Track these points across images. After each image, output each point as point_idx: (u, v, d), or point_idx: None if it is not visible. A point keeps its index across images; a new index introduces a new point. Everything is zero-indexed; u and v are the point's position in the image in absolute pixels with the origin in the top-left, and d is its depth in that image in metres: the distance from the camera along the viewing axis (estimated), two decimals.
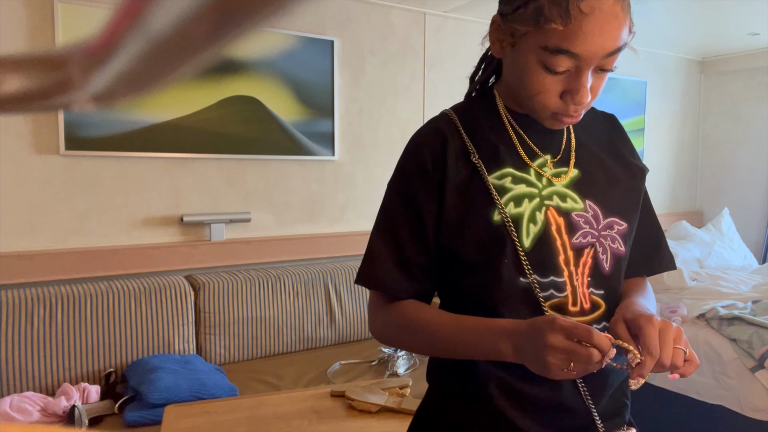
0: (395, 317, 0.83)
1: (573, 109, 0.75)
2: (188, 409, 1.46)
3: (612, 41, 0.71)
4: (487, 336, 0.74)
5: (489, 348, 0.73)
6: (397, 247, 0.82)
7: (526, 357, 0.70)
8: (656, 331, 0.68)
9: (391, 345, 0.87)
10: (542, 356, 0.66)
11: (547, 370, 0.67)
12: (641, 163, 0.90)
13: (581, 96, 0.73)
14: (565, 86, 0.74)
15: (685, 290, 3.00)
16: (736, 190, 4.34)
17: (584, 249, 0.80)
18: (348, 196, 2.94)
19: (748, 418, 2.39)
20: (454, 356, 0.79)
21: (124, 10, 0.18)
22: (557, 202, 0.81)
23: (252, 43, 2.57)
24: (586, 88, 0.73)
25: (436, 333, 0.79)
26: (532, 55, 0.73)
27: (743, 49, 4.09)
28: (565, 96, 0.75)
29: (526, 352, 0.69)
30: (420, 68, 3.10)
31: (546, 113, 0.77)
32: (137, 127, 2.37)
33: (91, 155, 2.30)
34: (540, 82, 0.74)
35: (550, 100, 0.75)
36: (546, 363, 0.66)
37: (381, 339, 0.87)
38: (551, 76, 0.73)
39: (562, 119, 0.77)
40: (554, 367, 0.66)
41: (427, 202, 0.81)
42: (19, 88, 0.21)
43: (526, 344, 0.69)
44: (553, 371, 0.66)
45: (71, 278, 2.28)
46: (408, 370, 2.38)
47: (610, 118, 0.93)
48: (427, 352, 0.82)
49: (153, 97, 2.37)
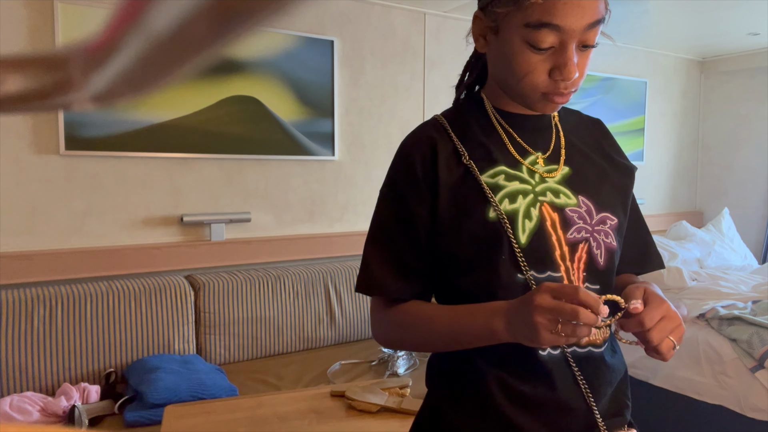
0: (396, 317, 0.84)
1: (563, 86, 0.75)
2: (188, 409, 1.46)
3: (591, 12, 0.72)
4: (481, 316, 0.74)
5: (483, 328, 0.74)
6: (392, 252, 0.83)
7: (518, 328, 0.69)
8: (659, 314, 0.70)
9: (394, 347, 0.87)
10: (530, 318, 0.66)
11: (536, 334, 0.65)
12: (629, 162, 0.92)
13: (569, 70, 0.73)
14: (552, 63, 0.75)
15: (685, 290, 3.00)
16: (736, 190, 4.34)
17: (579, 244, 0.81)
18: (348, 196, 2.94)
19: (748, 418, 2.39)
20: (453, 345, 0.79)
21: (124, 10, 0.18)
22: (551, 198, 0.82)
23: (252, 43, 2.57)
24: (572, 61, 0.74)
25: (435, 324, 0.79)
26: (516, 36, 0.74)
27: (743, 49, 4.09)
28: (553, 73, 0.75)
29: (517, 324, 0.69)
30: (420, 68, 3.10)
31: (536, 95, 0.77)
32: (137, 127, 2.37)
33: (91, 155, 2.30)
34: (527, 62, 0.75)
35: (538, 79, 0.76)
36: (534, 324, 0.65)
37: (385, 342, 0.87)
38: (537, 54, 0.74)
39: (553, 98, 0.77)
40: (542, 328, 0.65)
41: (418, 207, 0.81)
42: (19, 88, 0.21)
43: (516, 316, 0.70)
44: (542, 334, 0.65)
45: (71, 278, 2.28)
46: (408, 370, 2.38)
47: (595, 122, 0.95)
48: (427, 345, 0.83)
49: (153, 97, 2.37)
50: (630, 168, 0.91)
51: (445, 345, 0.80)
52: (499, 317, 0.72)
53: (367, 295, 0.86)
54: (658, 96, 4.23)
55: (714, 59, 4.37)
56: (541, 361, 0.78)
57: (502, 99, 0.86)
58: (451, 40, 3.18)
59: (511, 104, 0.86)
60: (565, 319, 0.64)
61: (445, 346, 0.80)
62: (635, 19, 3.30)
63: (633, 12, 3.16)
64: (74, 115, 2.23)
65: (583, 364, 0.80)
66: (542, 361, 0.78)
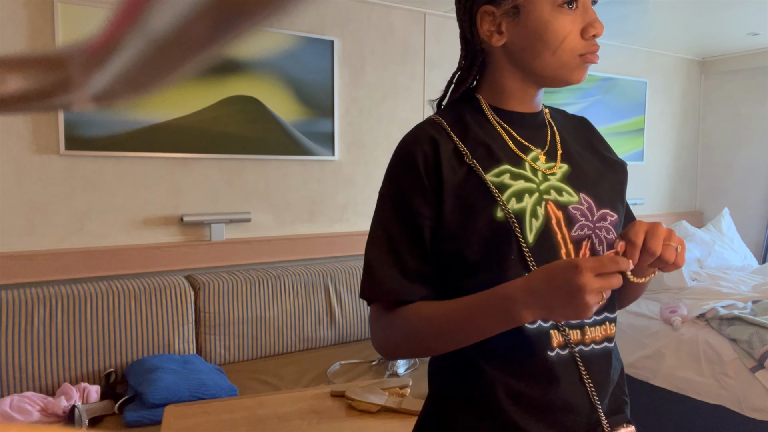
0: (400, 323, 0.80)
1: (594, 44, 0.80)
2: (188, 409, 1.46)
3: None
4: (497, 301, 0.71)
5: (503, 314, 0.71)
6: (395, 255, 0.80)
7: (555, 309, 0.68)
8: (643, 227, 0.72)
9: (396, 356, 0.83)
10: (579, 300, 0.65)
11: (586, 311, 0.66)
12: (618, 157, 0.93)
13: (599, 23, 0.79)
14: (581, 23, 0.79)
15: (685, 290, 3.00)
16: (736, 190, 4.34)
17: (582, 241, 0.81)
18: (348, 196, 2.94)
19: (748, 418, 2.39)
20: (469, 339, 0.75)
21: (124, 10, 0.18)
22: (555, 196, 0.82)
23: (252, 43, 2.57)
24: (597, 17, 0.80)
25: (445, 320, 0.76)
26: (546, 5, 0.78)
27: (743, 49, 4.09)
28: (586, 31, 0.79)
29: (554, 304, 0.68)
30: (420, 68, 3.11)
31: (575, 60, 0.80)
32: (137, 127, 2.37)
33: (91, 155, 2.30)
34: (563, 27, 0.78)
35: (575, 41, 0.79)
36: (585, 305, 0.66)
37: (387, 352, 0.83)
38: (570, 15, 0.78)
39: (590, 58, 0.81)
40: (593, 306, 0.66)
41: (423, 207, 0.79)
42: (19, 88, 0.21)
43: (551, 297, 0.68)
44: (592, 310, 0.67)
45: (71, 278, 2.28)
46: (408, 370, 2.38)
47: (582, 120, 0.96)
48: (439, 346, 0.79)
49: (153, 97, 2.37)
50: (622, 164, 0.92)
51: (461, 340, 0.76)
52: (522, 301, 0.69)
53: (372, 299, 0.82)
54: (658, 96, 4.23)
55: (714, 59, 4.37)
56: (548, 361, 0.77)
57: (499, 97, 0.86)
58: (451, 40, 3.18)
59: (507, 102, 0.86)
60: (610, 286, 0.67)
61: (460, 341, 0.76)
62: (635, 19, 3.30)
63: (633, 12, 3.16)
64: (74, 115, 2.23)
65: (590, 363, 0.80)
66: (550, 361, 0.77)
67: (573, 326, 0.80)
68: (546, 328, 0.78)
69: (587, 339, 0.80)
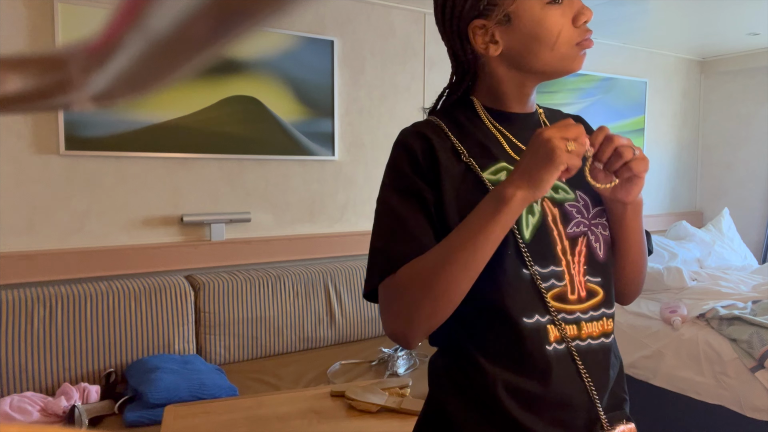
0: (408, 271, 0.76)
1: (586, 30, 0.82)
2: (188, 409, 1.46)
3: None
4: (489, 198, 0.74)
5: (496, 205, 0.73)
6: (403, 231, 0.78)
7: (533, 169, 0.72)
8: (601, 133, 0.77)
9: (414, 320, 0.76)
10: (548, 148, 0.71)
11: (558, 154, 0.71)
12: None
13: (588, 9, 0.81)
14: (570, 13, 0.81)
15: (685, 290, 3.00)
16: (736, 190, 4.34)
17: (578, 238, 0.82)
18: (348, 196, 2.94)
19: (748, 418, 2.39)
20: (475, 256, 0.73)
21: (124, 10, 0.18)
22: (551, 193, 0.83)
23: (252, 43, 2.57)
24: (583, 3, 0.82)
25: (447, 241, 0.75)
26: (536, 5, 0.79)
27: (743, 49, 4.09)
28: (577, 19, 0.81)
29: (531, 165, 0.72)
30: (420, 68, 3.10)
31: (573, 50, 0.82)
32: (137, 127, 2.37)
33: (91, 155, 2.30)
34: (556, 22, 0.80)
35: (570, 32, 0.81)
36: (554, 147, 0.70)
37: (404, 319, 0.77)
38: (559, 9, 0.80)
39: (584, 44, 0.82)
40: (558, 149, 0.70)
41: (426, 190, 0.79)
42: (19, 88, 0.21)
43: (528, 163, 0.73)
44: (558, 153, 0.70)
45: (71, 278, 2.28)
46: (408, 370, 2.38)
47: (577, 119, 0.96)
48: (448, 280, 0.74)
49: (153, 97, 2.37)
50: None
51: (469, 262, 0.73)
52: (505, 185, 0.73)
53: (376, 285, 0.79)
54: (658, 96, 4.23)
55: (714, 59, 4.37)
56: (546, 356, 0.78)
57: (495, 100, 0.87)
58: None
59: (503, 104, 0.87)
60: (572, 136, 0.71)
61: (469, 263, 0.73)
62: (635, 19, 3.30)
63: (633, 12, 3.16)
64: (74, 115, 2.23)
65: (586, 359, 0.80)
66: (547, 356, 0.78)
67: (569, 321, 0.80)
68: (543, 323, 0.78)
69: (584, 334, 0.81)
